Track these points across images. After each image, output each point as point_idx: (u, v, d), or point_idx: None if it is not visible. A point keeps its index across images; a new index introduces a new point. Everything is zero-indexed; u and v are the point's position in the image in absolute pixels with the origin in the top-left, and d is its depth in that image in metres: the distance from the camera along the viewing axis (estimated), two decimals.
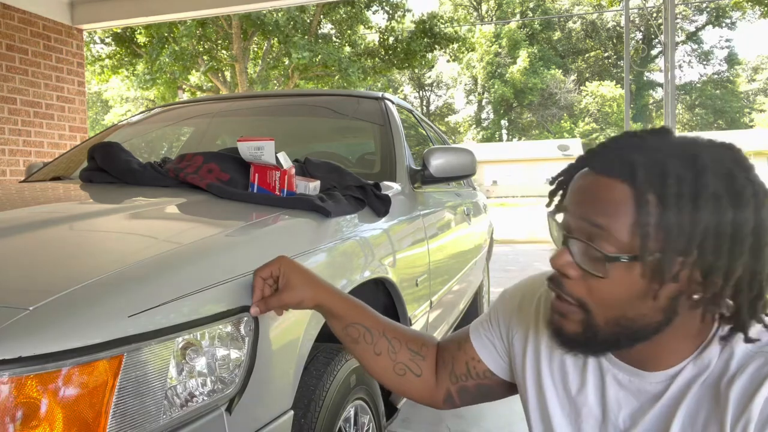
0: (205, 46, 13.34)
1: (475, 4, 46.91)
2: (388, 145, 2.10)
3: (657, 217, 0.66)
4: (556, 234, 0.79)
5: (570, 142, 38.43)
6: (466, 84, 47.81)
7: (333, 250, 1.27)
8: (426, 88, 50.03)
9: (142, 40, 12.68)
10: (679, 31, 42.34)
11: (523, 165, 37.68)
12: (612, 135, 0.79)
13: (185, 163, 1.54)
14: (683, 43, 44.83)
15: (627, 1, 9.26)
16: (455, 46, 14.11)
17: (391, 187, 1.84)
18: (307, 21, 13.14)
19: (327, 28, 14.81)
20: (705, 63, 47.01)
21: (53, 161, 2.43)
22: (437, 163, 1.98)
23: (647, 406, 0.77)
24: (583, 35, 46.90)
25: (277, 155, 1.39)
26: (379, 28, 14.07)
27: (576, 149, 36.00)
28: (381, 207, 1.58)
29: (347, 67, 12.22)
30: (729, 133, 37.19)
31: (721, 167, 0.67)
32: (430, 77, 48.75)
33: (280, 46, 13.38)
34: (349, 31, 13.94)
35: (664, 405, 0.75)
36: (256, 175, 1.42)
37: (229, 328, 0.89)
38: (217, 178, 1.44)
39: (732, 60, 45.60)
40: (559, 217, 0.78)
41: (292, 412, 1.04)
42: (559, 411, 0.86)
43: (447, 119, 49.10)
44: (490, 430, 2.39)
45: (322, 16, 13.77)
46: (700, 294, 0.69)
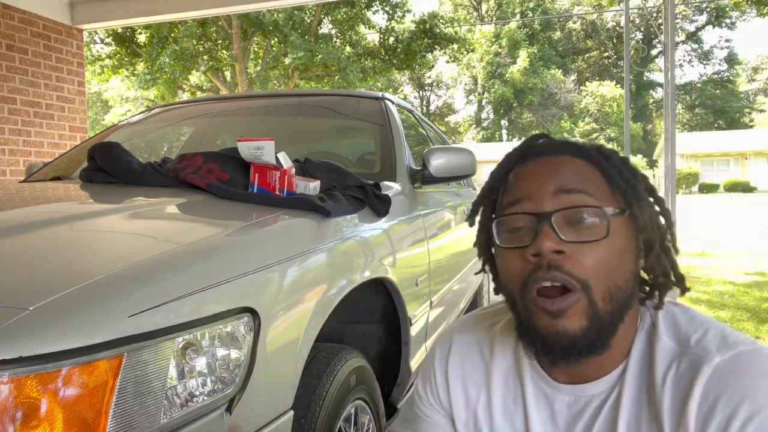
0: (205, 46, 13.34)
1: (475, 4, 46.89)
2: (388, 145, 2.10)
3: (618, 176, 0.75)
4: (523, 225, 0.74)
5: None
6: (466, 84, 47.80)
7: (333, 250, 1.27)
8: (426, 88, 50.02)
9: (142, 40, 12.68)
10: (679, 31, 42.34)
11: None
12: (611, 135, 0.81)
13: (185, 163, 1.54)
14: (683, 43, 44.82)
15: (627, 1, 9.26)
16: (455, 46, 14.11)
17: (391, 187, 1.84)
18: (307, 21, 13.14)
19: (327, 28, 14.81)
20: (705, 63, 47.02)
21: (53, 161, 2.43)
22: (437, 163, 1.98)
23: (593, 418, 0.76)
24: (583, 35, 46.90)
25: (277, 155, 1.39)
26: (379, 28, 14.07)
27: None
28: (381, 207, 1.58)
29: (346, 66, 12.21)
30: (729, 133, 37.18)
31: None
32: (430, 77, 48.75)
33: (279, 46, 13.38)
34: (349, 32, 13.94)
35: (607, 413, 0.75)
36: (256, 175, 1.42)
37: (229, 328, 0.89)
38: (217, 178, 1.44)
39: (732, 60, 45.59)
40: (519, 209, 0.75)
41: (292, 412, 1.04)
42: None
43: (447, 119, 49.09)
44: None
45: (323, 16, 13.78)
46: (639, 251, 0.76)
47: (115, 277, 0.81)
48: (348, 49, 13.90)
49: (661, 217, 0.78)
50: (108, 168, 1.59)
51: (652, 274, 0.78)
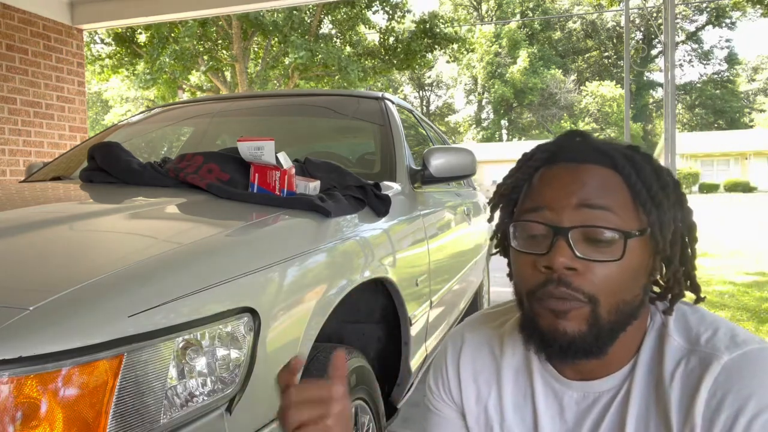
0: (206, 46, 13.34)
1: (475, 4, 46.90)
2: (388, 145, 2.10)
3: (645, 193, 0.72)
4: (540, 233, 0.73)
5: None
6: (466, 84, 47.81)
7: (333, 250, 1.27)
8: (426, 88, 50.03)
9: (142, 40, 12.68)
10: (679, 31, 42.34)
11: None
12: (611, 135, 0.80)
13: (185, 163, 1.54)
14: (683, 43, 44.82)
15: (627, 1, 9.26)
16: (455, 46, 14.11)
17: (391, 187, 1.84)
18: (307, 21, 13.14)
19: (327, 28, 14.81)
20: (705, 63, 47.03)
21: (53, 161, 2.43)
22: (437, 163, 1.98)
23: (602, 414, 0.77)
24: (583, 35, 46.90)
25: (277, 155, 1.39)
26: (379, 28, 14.07)
27: None
28: (381, 207, 1.58)
29: (347, 66, 12.22)
30: (729, 133, 37.18)
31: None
32: (430, 77, 48.75)
33: (279, 46, 13.38)
34: (350, 32, 13.95)
35: (616, 409, 0.76)
36: (256, 175, 1.42)
37: (229, 328, 0.89)
38: (217, 178, 1.44)
39: (732, 60, 45.60)
40: (538, 217, 0.74)
41: None
42: None
43: (447, 119, 49.09)
44: None
45: (323, 16, 13.78)
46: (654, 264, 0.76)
47: (115, 277, 0.81)
48: (348, 49, 13.91)
49: (686, 230, 0.77)
50: (108, 168, 1.59)
51: (667, 284, 0.78)
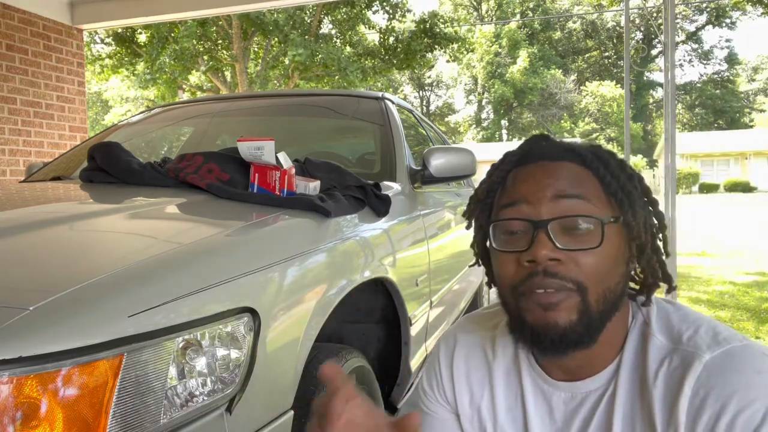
0: (206, 46, 13.33)
1: (475, 4, 46.89)
2: (388, 145, 2.10)
3: (615, 184, 0.75)
4: (519, 229, 0.75)
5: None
6: (466, 84, 47.80)
7: (333, 250, 1.27)
8: (426, 88, 50.01)
9: (142, 40, 12.68)
10: (679, 31, 42.34)
11: None
12: (611, 135, 0.81)
13: (185, 163, 1.54)
14: (683, 43, 44.81)
15: (627, 1, 9.26)
16: (455, 46, 14.11)
17: (391, 187, 1.84)
18: (307, 21, 13.14)
19: (327, 28, 14.81)
20: (705, 63, 47.03)
21: (53, 161, 2.43)
22: (437, 163, 1.98)
23: (590, 414, 0.78)
24: (583, 35, 46.89)
25: (277, 155, 1.39)
26: (379, 28, 14.07)
27: None
28: (381, 207, 1.58)
29: (347, 66, 12.21)
30: (729, 133, 37.17)
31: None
32: (430, 77, 48.74)
33: (279, 45, 13.38)
34: (350, 32, 13.94)
35: (603, 409, 0.76)
36: (256, 175, 1.42)
37: (229, 328, 0.89)
38: (217, 178, 1.44)
39: (732, 60, 45.59)
40: (515, 212, 0.75)
41: (292, 412, 1.04)
42: None
43: (447, 119, 49.08)
44: None
45: (323, 16, 13.77)
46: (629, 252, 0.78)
47: (115, 277, 0.81)
48: (348, 49, 13.90)
49: (654, 219, 0.80)
50: (108, 168, 1.59)
51: (643, 274, 0.80)
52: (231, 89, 14.16)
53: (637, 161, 33.51)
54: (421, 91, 49.90)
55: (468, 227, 0.89)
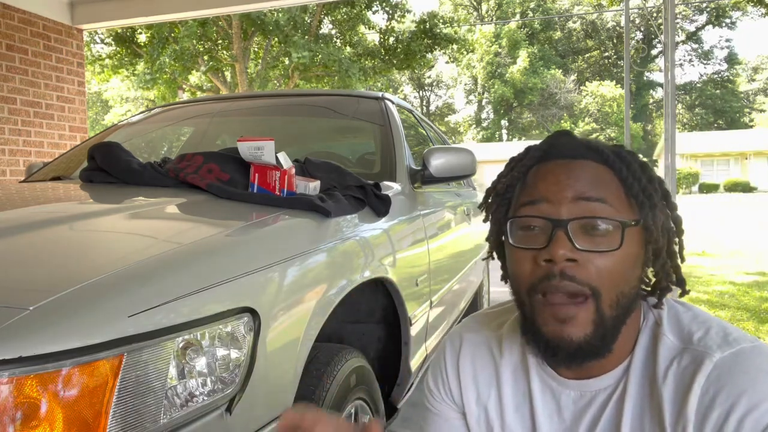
0: (206, 46, 13.33)
1: (475, 4, 46.89)
2: (388, 145, 2.10)
3: (636, 185, 0.75)
4: (538, 226, 0.74)
5: None
6: (466, 84, 47.79)
7: (333, 250, 1.27)
8: (426, 88, 50.01)
9: (142, 40, 12.68)
10: (679, 31, 42.34)
11: None
12: (611, 135, 0.80)
13: (185, 163, 1.54)
14: (683, 43, 44.82)
15: (627, 1, 9.26)
16: (455, 46, 14.11)
17: (391, 187, 1.83)
18: (307, 21, 13.14)
19: (327, 28, 14.81)
20: (705, 63, 47.03)
21: (53, 161, 2.43)
22: (437, 163, 1.98)
23: (599, 413, 0.78)
24: (583, 35, 46.89)
25: (277, 155, 1.39)
26: (379, 28, 14.07)
27: None
28: (381, 207, 1.58)
29: (348, 68, 12.22)
30: (729, 133, 37.16)
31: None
32: (430, 77, 48.74)
33: (280, 45, 13.38)
34: (350, 32, 13.94)
35: (612, 408, 0.76)
36: (256, 175, 1.42)
37: (229, 328, 0.89)
38: (217, 178, 1.44)
39: (732, 60, 45.58)
40: (535, 210, 0.75)
41: None
42: None
43: (447, 119, 49.08)
44: None
45: (323, 16, 13.77)
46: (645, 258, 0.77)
47: (115, 277, 0.81)
48: (348, 49, 13.90)
49: (672, 223, 0.79)
50: (108, 168, 1.59)
51: (656, 277, 0.80)
52: (231, 89, 14.16)
53: None
54: (421, 91, 49.89)
55: (486, 220, 0.88)
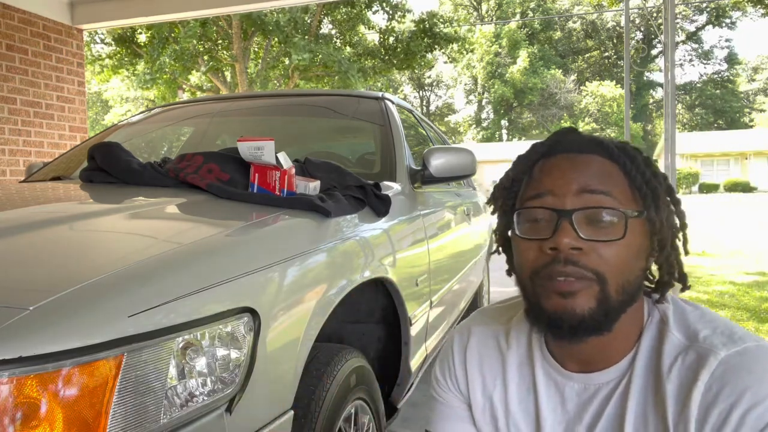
0: (206, 46, 13.33)
1: (475, 4, 46.89)
2: (388, 145, 2.10)
3: (641, 179, 0.76)
4: (543, 218, 0.76)
5: None
6: (466, 84, 47.78)
7: (333, 250, 1.27)
8: (426, 88, 50.01)
9: (142, 40, 12.68)
10: (679, 31, 42.33)
11: None
12: (611, 135, 0.81)
13: (185, 163, 1.54)
14: (683, 43, 44.81)
15: (627, 1, 9.27)
16: (455, 46, 14.11)
17: (391, 187, 1.83)
18: (308, 21, 13.14)
19: (327, 28, 14.81)
20: (705, 63, 47.03)
21: (53, 161, 2.43)
22: (437, 163, 1.98)
23: (602, 406, 0.79)
24: (583, 35, 46.89)
25: (277, 155, 1.39)
26: (379, 28, 14.07)
27: None
28: (381, 207, 1.58)
29: (348, 69, 12.22)
30: (729, 133, 37.16)
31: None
32: (430, 77, 48.74)
33: (280, 46, 13.38)
34: (349, 32, 13.94)
35: (616, 401, 0.77)
36: (256, 175, 1.42)
37: (229, 328, 0.89)
38: (217, 178, 1.44)
39: (732, 60, 45.58)
40: (541, 203, 0.77)
41: (292, 412, 1.04)
42: None
43: (447, 119, 49.08)
44: None
45: (323, 16, 13.77)
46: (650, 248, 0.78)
47: (115, 277, 0.81)
48: (348, 49, 13.90)
49: (675, 218, 0.81)
50: (108, 168, 1.59)
51: (660, 271, 0.81)
52: (231, 89, 14.16)
53: None
54: (421, 91, 49.89)
55: (493, 213, 0.90)
